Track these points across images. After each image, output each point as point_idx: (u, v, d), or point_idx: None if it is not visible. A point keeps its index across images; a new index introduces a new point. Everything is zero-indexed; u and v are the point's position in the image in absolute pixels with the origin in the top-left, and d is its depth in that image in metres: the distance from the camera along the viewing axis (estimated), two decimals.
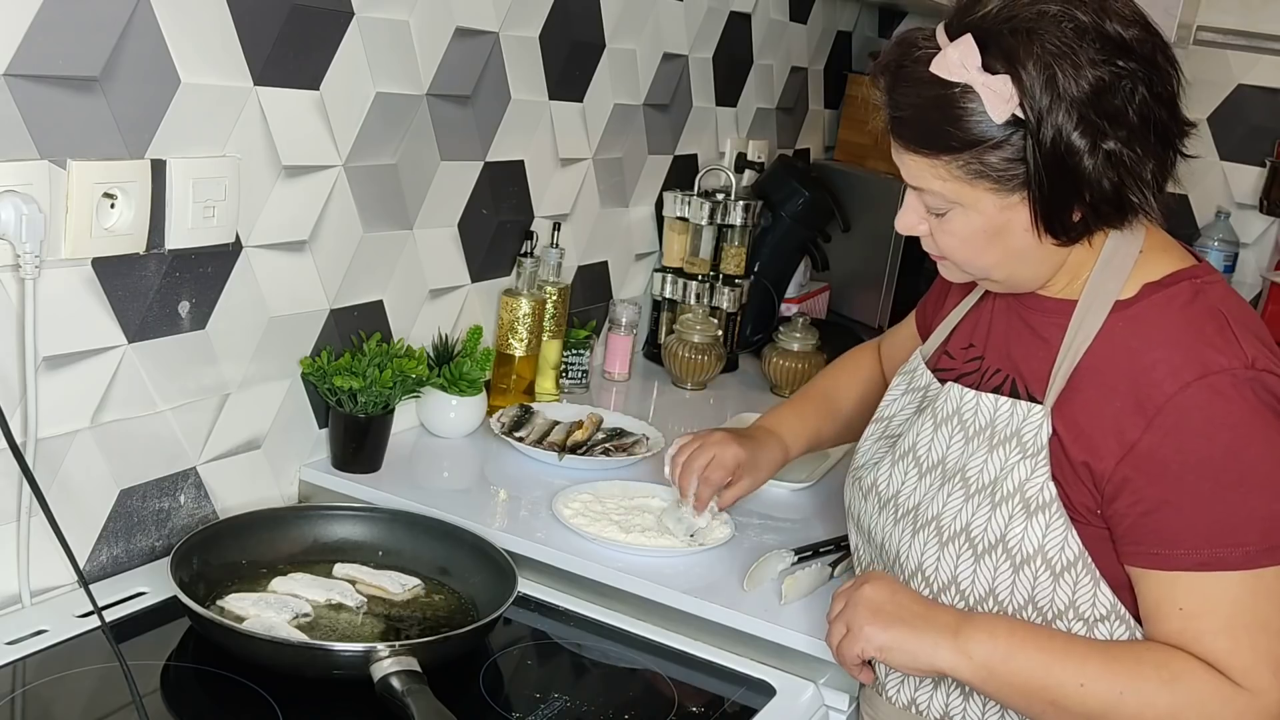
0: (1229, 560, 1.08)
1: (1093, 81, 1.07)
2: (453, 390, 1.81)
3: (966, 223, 1.16)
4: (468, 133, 1.84)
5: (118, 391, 1.38)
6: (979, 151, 1.11)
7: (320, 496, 1.66)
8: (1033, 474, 1.16)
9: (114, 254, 1.33)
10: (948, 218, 1.18)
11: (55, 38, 1.22)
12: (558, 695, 1.29)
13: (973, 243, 1.18)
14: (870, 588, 1.21)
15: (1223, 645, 1.08)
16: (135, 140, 1.33)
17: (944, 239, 1.20)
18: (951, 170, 1.13)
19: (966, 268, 1.22)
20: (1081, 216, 1.13)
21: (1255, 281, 2.72)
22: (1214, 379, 1.09)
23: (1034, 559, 1.16)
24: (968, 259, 1.20)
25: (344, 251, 1.66)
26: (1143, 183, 1.12)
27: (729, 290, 2.37)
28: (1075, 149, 1.08)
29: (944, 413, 1.26)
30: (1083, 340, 1.17)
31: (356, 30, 1.58)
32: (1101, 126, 1.08)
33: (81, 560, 1.38)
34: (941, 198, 1.16)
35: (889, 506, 1.29)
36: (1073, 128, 1.08)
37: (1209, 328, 1.13)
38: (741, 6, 2.52)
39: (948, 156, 1.13)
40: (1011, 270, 1.20)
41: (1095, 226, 1.14)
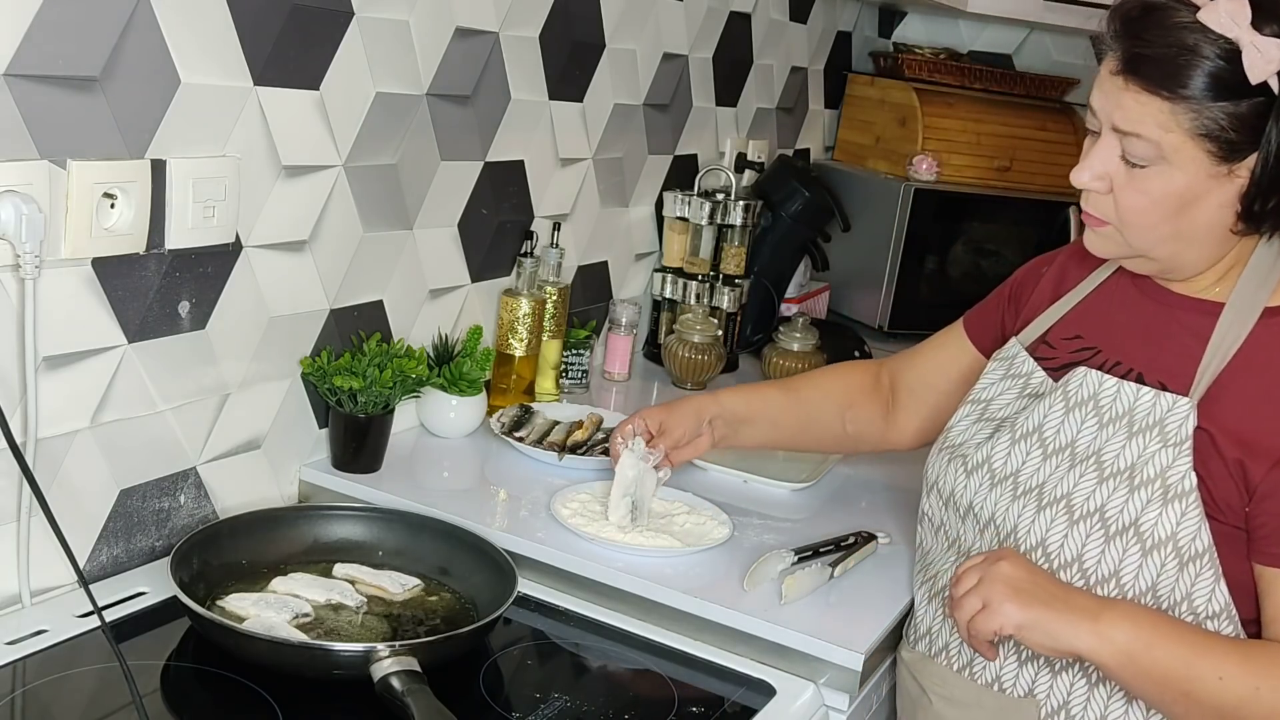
0: None
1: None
2: (453, 390, 1.81)
3: (1166, 182, 1.15)
4: (468, 133, 1.84)
5: (118, 391, 1.38)
6: (1219, 107, 1.10)
7: (320, 496, 1.66)
8: (1174, 462, 1.18)
9: (114, 254, 1.33)
10: (1146, 173, 1.16)
11: (55, 38, 1.22)
12: (558, 695, 1.29)
13: (1161, 206, 1.17)
14: (1009, 565, 1.19)
15: None
16: (135, 140, 1.33)
17: (1130, 197, 1.18)
18: (1180, 119, 1.12)
19: (1138, 236, 1.20)
20: (1275, 205, 1.14)
21: None
22: None
23: (1164, 545, 1.18)
24: (1146, 225, 1.19)
25: (344, 251, 1.66)
26: None
27: (729, 290, 2.37)
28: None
29: (1078, 396, 1.27)
30: (1232, 341, 1.19)
31: (356, 30, 1.58)
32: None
33: (81, 560, 1.38)
34: (1155, 148, 1.14)
35: (1005, 483, 1.30)
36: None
37: None
38: (741, 6, 2.52)
39: (1185, 104, 1.11)
40: (1179, 249, 1.20)
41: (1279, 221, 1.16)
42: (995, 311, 1.51)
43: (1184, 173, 1.14)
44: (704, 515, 1.64)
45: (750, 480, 1.79)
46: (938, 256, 2.74)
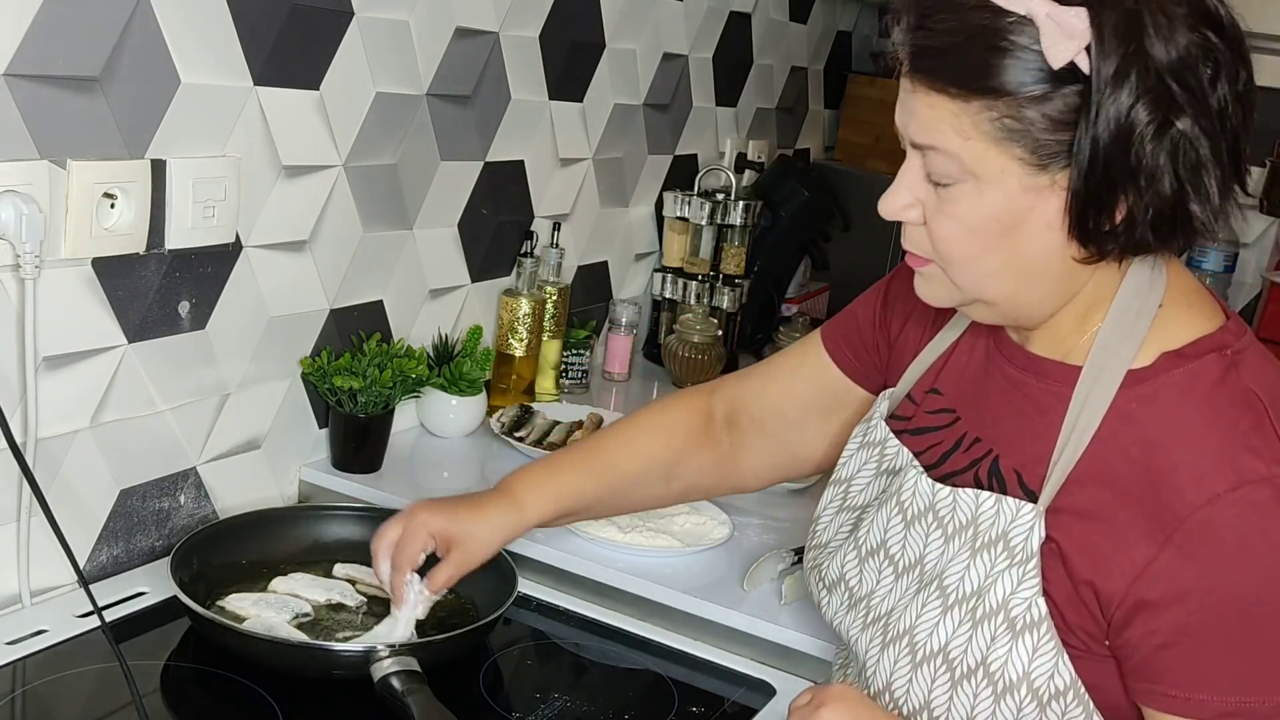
0: (1260, 712, 0.90)
1: (1182, 47, 0.88)
2: (453, 390, 1.81)
3: (977, 203, 0.93)
4: (468, 133, 1.84)
5: (118, 391, 1.38)
6: (1021, 102, 0.89)
7: (320, 496, 1.66)
8: (1019, 585, 0.98)
9: (114, 254, 1.33)
10: (954, 195, 0.95)
11: (55, 38, 1.22)
12: (558, 695, 1.29)
13: (979, 233, 0.95)
14: (828, 712, 0.99)
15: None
16: (135, 140, 1.33)
17: (942, 225, 0.96)
18: (980, 123, 0.91)
19: (962, 273, 0.98)
20: (1122, 221, 0.91)
21: (1255, 281, 2.72)
22: (1250, 490, 0.90)
23: (1018, 687, 0.98)
24: (966, 258, 0.97)
25: (344, 251, 1.66)
26: (1206, 191, 0.91)
27: (729, 290, 2.37)
28: (1139, 123, 0.88)
29: (914, 508, 1.07)
30: (1088, 421, 0.97)
31: (356, 30, 1.58)
32: (1178, 104, 0.88)
33: (81, 560, 1.38)
34: (956, 161, 0.93)
35: (859, 607, 1.11)
36: (1145, 95, 0.87)
37: (1244, 421, 0.92)
38: (741, 6, 2.52)
39: (981, 101, 0.90)
40: (1016, 289, 0.97)
41: (1131, 241, 0.93)
42: (866, 326, 1.26)
43: (996, 188, 0.92)
44: (704, 515, 1.64)
45: None
46: None
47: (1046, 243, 0.94)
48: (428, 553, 1.27)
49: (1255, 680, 0.90)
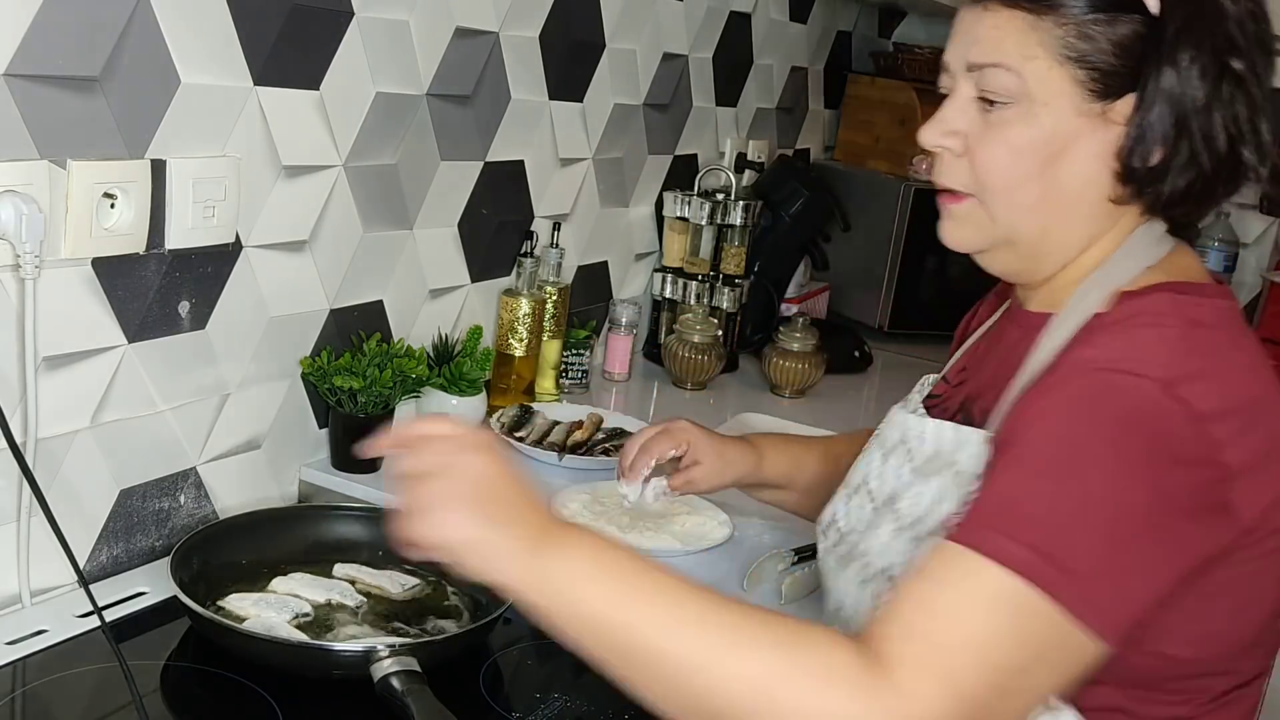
0: (996, 548, 0.85)
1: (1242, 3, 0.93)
2: (453, 390, 1.81)
3: (1028, 125, 0.95)
4: (468, 133, 1.84)
5: (118, 391, 1.38)
6: (1092, 23, 0.92)
7: (320, 496, 1.66)
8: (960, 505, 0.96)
9: (114, 254, 1.33)
10: (1006, 116, 0.96)
11: (55, 38, 1.22)
12: (558, 695, 1.29)
13: (1026, 158, 0.96)
14: (482, 461, 0.95)
15: (914, 624, 0.86)
16: (135, 140, 1.33)
17: (988, 148, 0.98)
18: (1045, 40, 0.93)
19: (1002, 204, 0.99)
20: (1166, 160, 0.93)
21: (1255, 282, 2.72)
22: (1117, 377, 0.89)
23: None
24: (1011, 185, 0.97)
25: (344, 251, 1.66)
26: (1259, 137, 0.94)
27: (729, 290, 2.37)
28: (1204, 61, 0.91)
29: (890, 442, 1.10)
30: (1042, 358, 0.97)
31: (356, 30, 1.58)
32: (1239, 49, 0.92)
33: (81, 560, 1.38)
34: (1017, 78, 0.95)
35: (840, 548, 1.14)
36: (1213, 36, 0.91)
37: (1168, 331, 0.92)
38: (741, 6, 2.52)
39: (1051, 17, 0.93)
40: (1049, 223, 0.98)
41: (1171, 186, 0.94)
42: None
43: (1050, 111, 0.94)
44: (704, 515, 1.64)
45: None
46: (938, 256, 2.73)
47: (1088, 175, 0.96)
48: (678, 455, 1.38)
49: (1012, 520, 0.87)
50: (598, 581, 0.91)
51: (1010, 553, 0.85)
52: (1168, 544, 0.87)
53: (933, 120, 1.01)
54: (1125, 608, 0.87)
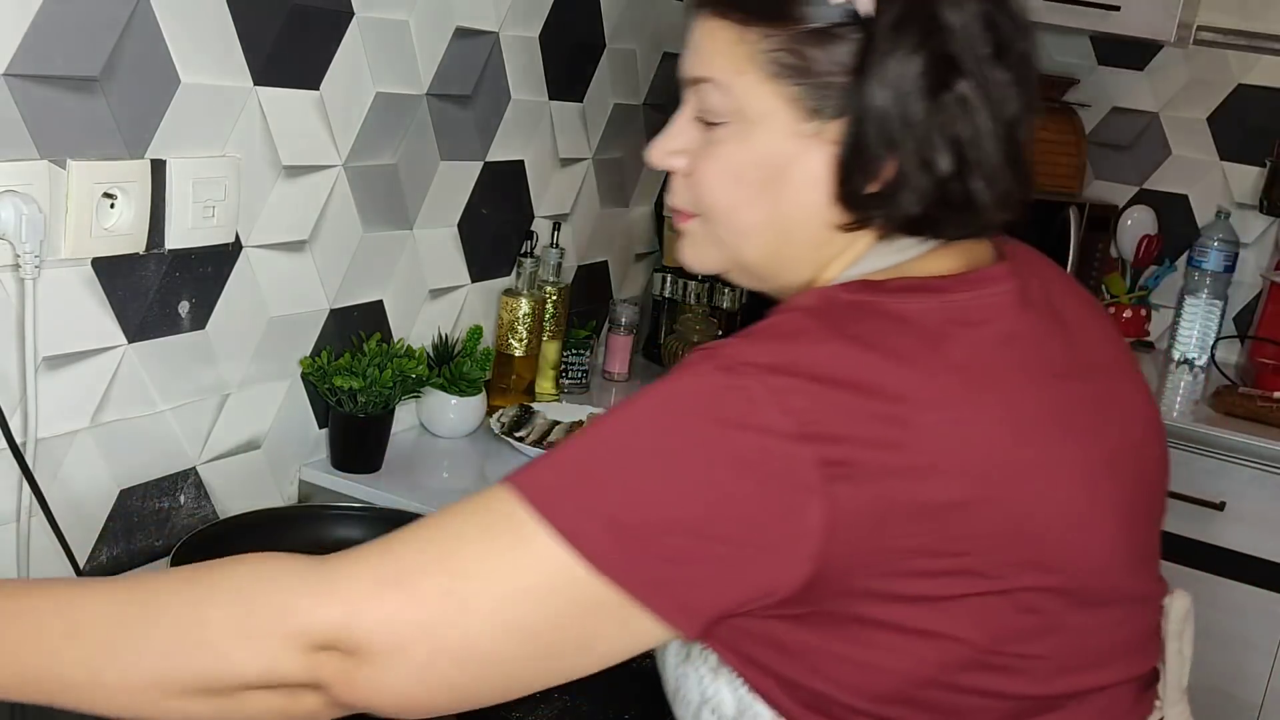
0: (520, 474, 0.81)
1: (969, 13, 0.85)
2: (453, 390, 1.81)
3: (743, 146, 0.89)
4: (468, 133, 1.84)
5: (118, 391, 1.38)
6: (801, 36, 0.85)
7: (320, 496, 1.66)
8: None
9: (114, 254, 1.33)
10: (721, 136, 0.90)
11: (55, 38, 1.22)
12: (558, 695, 1.29)
13: (742, 181, 0.90)
14: None
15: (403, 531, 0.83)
16: (135, 140, 1.33)
17: (706, 170, 0.91)
18: (756, 55, 0.87)
19: (721, 228, 0.93)
20: (887, 186, 0.86)
21: (1255, 281, 2.72)
22: (708, 356, 0.82)
23: None
24: (728, 209, 0.91)
25: (344, 251, 1.66)
26: (988, 168, 0.87)
27: (729, 290, 2.37)
28: (918, 77, 0.84)
29: None
30: None
31: (356, 30, 1.58)
32: (959, 68, 0.85)
33: (81, 560, 1.38)
34: (728, 95, 0.89)
35: None
36: (926, 50, 0.84)
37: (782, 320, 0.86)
38: None
39: (761, 29, 0.86)
40: (774, 247, 0.92)
41: (895, 210, 0.87)
42: None
43: (763, 130, 0.88)
44: None
45: None
46: None
47: (808, 200, 0.89)
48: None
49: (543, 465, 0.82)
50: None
51: (538, 488, 0.80)
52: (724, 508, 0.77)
53: (659, 137, 0.96)
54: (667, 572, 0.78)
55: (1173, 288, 2.79)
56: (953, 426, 0.81)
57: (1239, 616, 2.23)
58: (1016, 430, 0.84)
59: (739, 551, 0.78)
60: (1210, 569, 2.24)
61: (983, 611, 0.83)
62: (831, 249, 0.92)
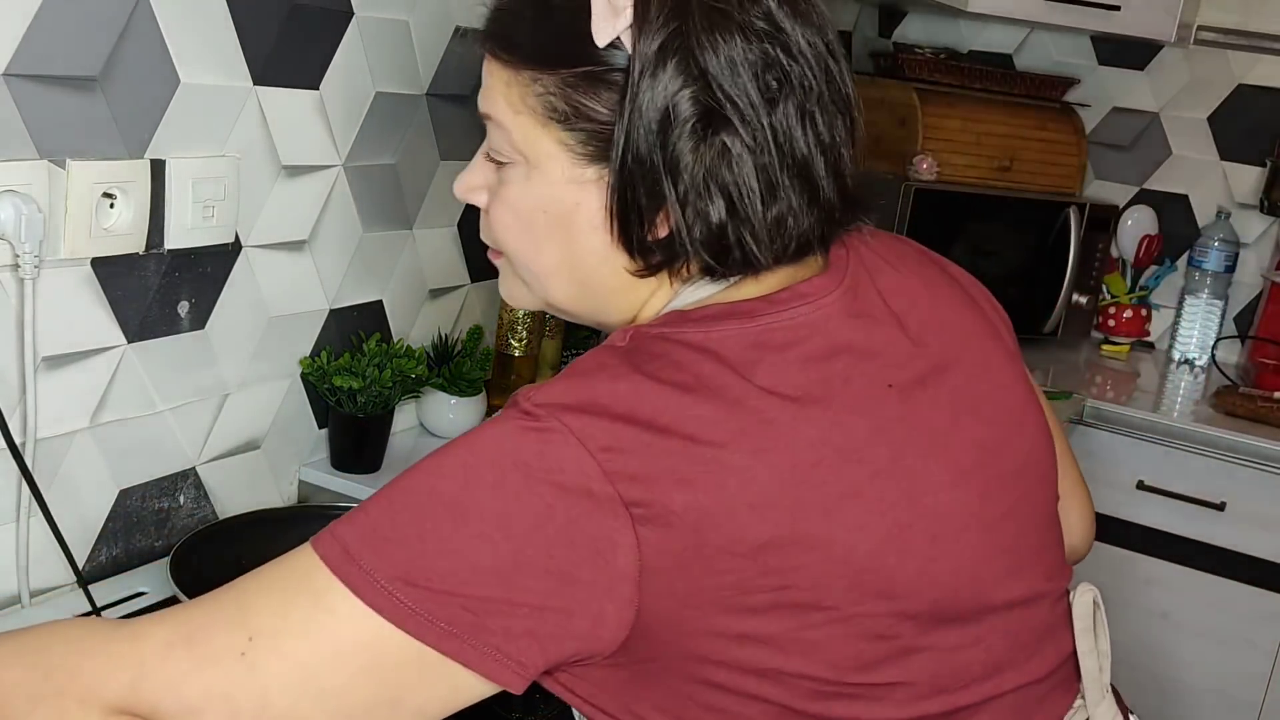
0: (322, 535, 0.79)
1: (738, 51, 0.82)
2: (452, 390, 1.81)
3: (525, 189, 0.87)
4: (468, 132, 1.84)
5: (117, 391, 1.38)
6: (568, 81, 0.83)
7: (320, 497, 1.66)
8: None
9: (113, 254, 1.33)
10: (508, 177, 0.89)
11: (55, 38, 1.22)
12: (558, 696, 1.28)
13: (529, 225, 0.88)
14: None
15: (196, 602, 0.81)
16: (134, 140, 1.33)
17: (497, 210, 0.90)
18: (528, 97, 0.85)
19: (521, 268, 0.92)
20: (667, 234, 0.84)
21: (1255, 281, 2.72)
22: (505, 411, 0.81)
23: None
24: (521, 251, 0.90)
25: (344, 251, 1.66)
26: (748, 217, 0.83)
27: None
28: (677, 118, 0.81)
29: None
30: None
31: (356, 30, 1.58)
32: (720, 113, 0.81)
33: (81, 560, 1.38)
34: (508, 136, 0.87)
35: None
36: (685, 89, 0.81)
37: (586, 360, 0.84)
38: None
39: (530, 73, 0.85)
40: (577, 291, 0.90)
41: (680, 256, 0.85)
42: None
43: (542, 174, 0.86)
44: None
45: None
46: None
47: (595, 247, 0.87)
48: None
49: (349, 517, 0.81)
50: None
51: (336, 551, 0.77)
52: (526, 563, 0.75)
53: (463, 172, 0.94)
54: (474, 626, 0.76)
55: (1173, 288, 2.79)
56: (755, 459, 0.78)
57: (1239, 617, 2.23)
58: (839, 452, 0.81)
59: (550, 600, 0.76)
60: (1211, 569, 2.24)
61: (822, 644, 0.80)
62: (641, 291, 0.89)
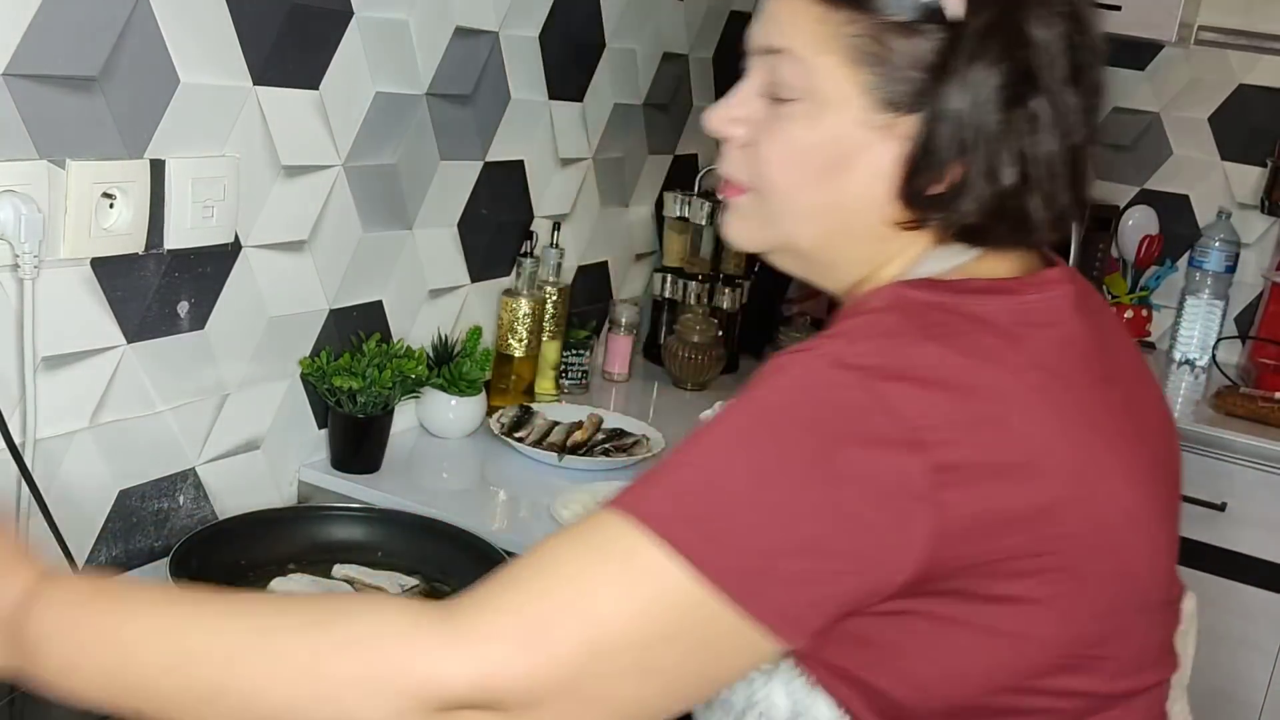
0: (645, 511, 0.77)
1: (1054, 33, 0.85)
2: (452, 390, 1.81)
3: (812, 127, 0.87)
4: (468, 133, 1.84)
5: (117, 392, 1.38)
6: (887, 26, 0.84)
7: (320, 497, 1.66)
8: None
9: (113, 254, 1.33)
10: (791, 113, 0.88)
11: (55, 38, 1.22)
12: None
13: (805, 163, 0.88)
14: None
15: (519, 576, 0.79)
16: (134, 140, 1.33)
17: (770, 146, 0.90)
18: (839, 36, 0.86)
19: (776, 206, 0.91)
20: (950, 189, 0.86)
21: (1256, 281, 2.71)
22: (785, 358, 0.82)
23: None
24: (787, 188, 0.90)
25: (343, 251, 1.66)
26: (1046, 188, 0.87)
27: (729, 290, 2.37)
28: (995, 86, 0.84)
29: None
30: None
31: (356, 30, 1.58)
32: (1037, 84, 0.85)
33: (81, 561, 1.38)
34: (804, 72, 0.87)
35: None
36: (1008, 61, 0.84)
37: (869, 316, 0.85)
38: (742, 6, 2.52)
39: (847, 13, 0.85)
40: (827, 235, 0.91)
41: (954, 215, 0.87)
42: None
43: (834, 115, 0.86)
44: None
45: None
46: None
47: (869, 192, 0.88)
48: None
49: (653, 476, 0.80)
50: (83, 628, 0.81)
51: (657, 517, 0.76)
52: (838, 527, 0.76)
53: (720, 104, 0.93)
54: (787, 595, 0.76)
55: (1174, 288, 2.78)
56: (1040, 426, 0.81)
57: (1241, 618, 2.23)
58: (1089, 430, 0.85)
59: (847, 564, 0.77)
60: (1212, 570, 2.23)
61: (1066, 613, 0.83)
62: (888, 247, 0.90)
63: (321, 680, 0.76)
